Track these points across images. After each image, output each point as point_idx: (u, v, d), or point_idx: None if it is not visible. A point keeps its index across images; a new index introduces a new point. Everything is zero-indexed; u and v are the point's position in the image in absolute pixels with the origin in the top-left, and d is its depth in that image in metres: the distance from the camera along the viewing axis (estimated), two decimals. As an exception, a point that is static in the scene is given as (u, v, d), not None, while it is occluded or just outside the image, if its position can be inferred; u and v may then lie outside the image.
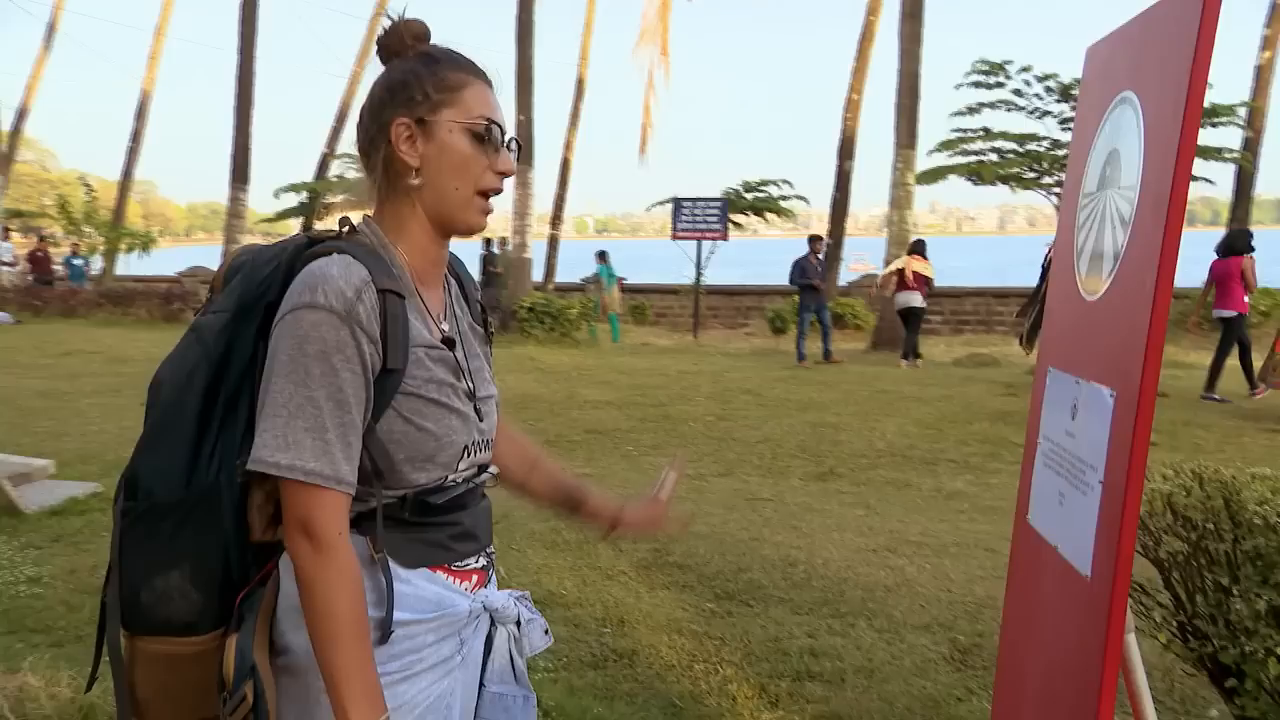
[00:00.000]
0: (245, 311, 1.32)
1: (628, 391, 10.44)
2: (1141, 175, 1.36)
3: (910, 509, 6.01)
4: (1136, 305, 1.29)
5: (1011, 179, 19.15)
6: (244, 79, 20.99)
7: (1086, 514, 1.38)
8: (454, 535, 1.37)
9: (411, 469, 1.30)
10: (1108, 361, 1.41)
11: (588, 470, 6.89)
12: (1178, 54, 1.25)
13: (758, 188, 22.52)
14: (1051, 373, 1.70)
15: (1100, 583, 1.28)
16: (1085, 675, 1.28)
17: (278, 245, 1.38)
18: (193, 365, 1.31)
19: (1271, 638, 1.95)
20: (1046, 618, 1.57)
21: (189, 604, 1.28)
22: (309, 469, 1.21)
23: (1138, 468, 1.22)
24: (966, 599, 4.33)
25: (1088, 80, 1.71)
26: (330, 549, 1.22)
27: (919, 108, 16.66)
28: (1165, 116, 1.29)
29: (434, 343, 1.34)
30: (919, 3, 16.59)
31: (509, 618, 1.43)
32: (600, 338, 16.80)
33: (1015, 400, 9.93)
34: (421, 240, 1.36)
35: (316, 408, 1.21)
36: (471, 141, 1.34)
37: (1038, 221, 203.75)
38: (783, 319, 18.31)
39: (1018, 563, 1.82)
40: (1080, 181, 1.66)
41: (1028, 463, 1.80)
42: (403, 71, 1.35)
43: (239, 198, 21.17)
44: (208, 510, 1.28)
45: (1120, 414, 1.32)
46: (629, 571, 4.65)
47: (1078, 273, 1.62)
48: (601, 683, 3.46)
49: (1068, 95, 18.26)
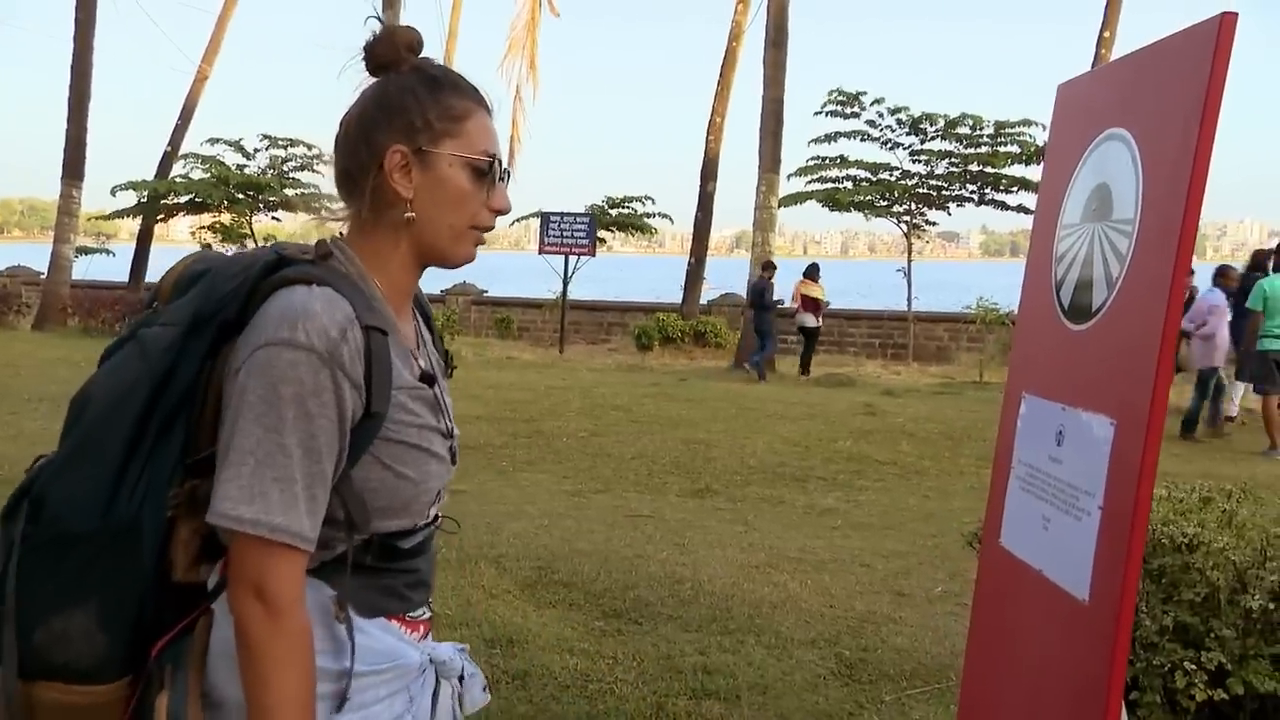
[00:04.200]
0: (199, 327, 1.19)
1: (497, 406, 10.29)
2: (1140, 209, 1.42)
3: (786, 525, 6.13)
4: (1140, 335, 1.34)
5: (865, 206, 20.02)
6: (79, 69, 19.66)
7: (1083, 539, 1.42)
8: (410, 583, 1.28)
9: (384, 518, 1.21)
10: (1103, 390, 1.45)
11: (463, 487, 6.73)
12: (1184, 91, 1.31)
13: (622, 204, 22.67)
14: (1028, 399, 1.75)
15: (1103, 606, 1.32)
16: (1085, 696, 1.31)
17: (245, 259, 1.24)
18: (131, 382, 1.17)
19: (1176, 652, 2.06)
20: (1029, 640, 1.61)
21: (93, 648, 1.13)
22: (275, 524, 1.10)
23: (1145, 493, 1.27)
24: (849, 614, 4.43)
25: (1061, 117, 1.78)
26: (284, 615, 1.11)
27: (782, 133, 17.15)
28: (1170, 152, 1.35)
29: (414, 382, 1.24)
30: (783, 32, 17.09)
31: (454, 671, 1.34)
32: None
33: (874, 419, 10.32)
34: (399, 272, 1.27)
35: (287, 456, 1.11)
36: (471, 177, 1.25)
37: (877, 247, 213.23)
38: (648, 335, 18.49)
39: (988, 584, 1.87)
40: (1058, 214, 1.72)
41: (998, 486, 1.84)
42: (400, 91, 1.23)
43: (72, 194, 19.75)
44: (125, 544, 1.13)
45: (1122, 441, 1.36)
46: (514, 590, 4.56)
47: (1058, 302, 1.68)
48: (496, 706, 3.36)
49: (917, 129, 19.24)
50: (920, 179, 19.71)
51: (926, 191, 19.80)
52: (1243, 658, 2.02)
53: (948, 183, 19.63)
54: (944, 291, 30.62)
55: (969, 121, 18.77)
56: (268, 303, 1.16)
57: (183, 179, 22.31)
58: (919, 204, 19.98)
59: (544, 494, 6.72)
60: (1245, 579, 2.07)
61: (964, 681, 2.00)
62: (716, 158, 20.82)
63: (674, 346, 18.38)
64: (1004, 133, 18.77)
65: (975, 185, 19.48)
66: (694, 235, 21.33)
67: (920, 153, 19.47)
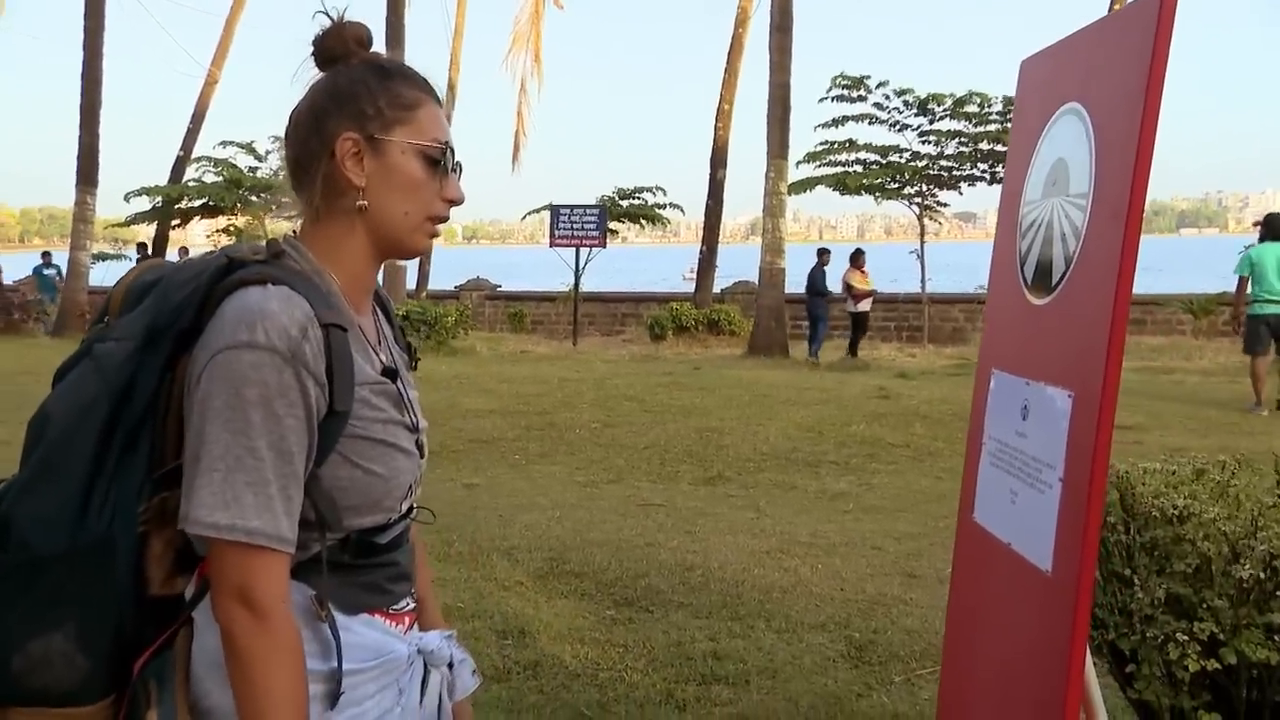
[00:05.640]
0: (154, 339, 1.17)
1: (510, 400, 10.33)
2: (1094, 183, 1.43)
3: (798, 510, 6.14)
4: (1094, 309, 1.35)
5: (875, 189, 19.93)
6: (90, 76, 19.81)
7: (1045, 511, 1.44)
8: (390, 577, 1.29)
9: (356, 515, 1.22)
10: (1062, 364, 1.47)
11: (475, 480, 6.79)
12: (1130, 65, 1.31)
13: (633, 195, 22.66)
14: (996, 375, 1.76)
15: (1064, 577, 1.33)
16: (1049, 666, 1.32)
17: (195, 266, 1.23)
18: (90, 399, 1.15)
19: (1169, 624, 2.07)
20: (1000, 612, 1.62)
21: (73, 670, 1.12)
22: (251, 528, 1.10)
23: (1100, 465, 1.28)
24: (859, 597, 4.44)
25: (1024, 92, 1.79)
26: (270, 618, 1.11)
27: (790, 118, 17.09)
28: (1119, 126, 1.36)
29: (377, 377, 1.24)
30: (788, 16, 17.02)
31: (442, 660, 1.35)
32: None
33: (888, 403, 10.29)
34: (356, 265, 1.26)
35: (258, 459, 1.10)
36: (424, 165, 1.25)
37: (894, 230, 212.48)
38: (662, 325, 18.50)
39: (963, 559, 1.88)
40: (1021, 189, 1.73)
41: (971, 462, 1.86)
42: (350, 81, 1.24)
43: (86, 201, 19.92)
44: (97, 563, 1.12)
45: (1079, 414, 1.38)
46: (525, 581, 4.59)
47: (1022, 278, 1.69)
48: (506, 695, 3.40)
49: (925, 109, 19.13)
50: (930, 160, 19.59)
51: (937, 172, 19.67)
52: (1235, 627, 2.03)
53: (958, 163, 19.49)
54: (961, 273, 30.43)
55: (976, 99, 18.63)
56: (223, 306, 1.15)
57: (195, 183, 22.48)
58: (930, 185, 19.86)
59: (556, 485, 6.75)
60: (1237, 549, 2.07)
61: (944, 657, 2.02)
62: (726, 145, 20.78)
63: (688, 335, 18.37)
64: (1012, 109, 18.62)
65: (986, 164, 19.34)
66: (705, 224, 21.32)
67: (929, 133, 19.36)
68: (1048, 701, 1.33)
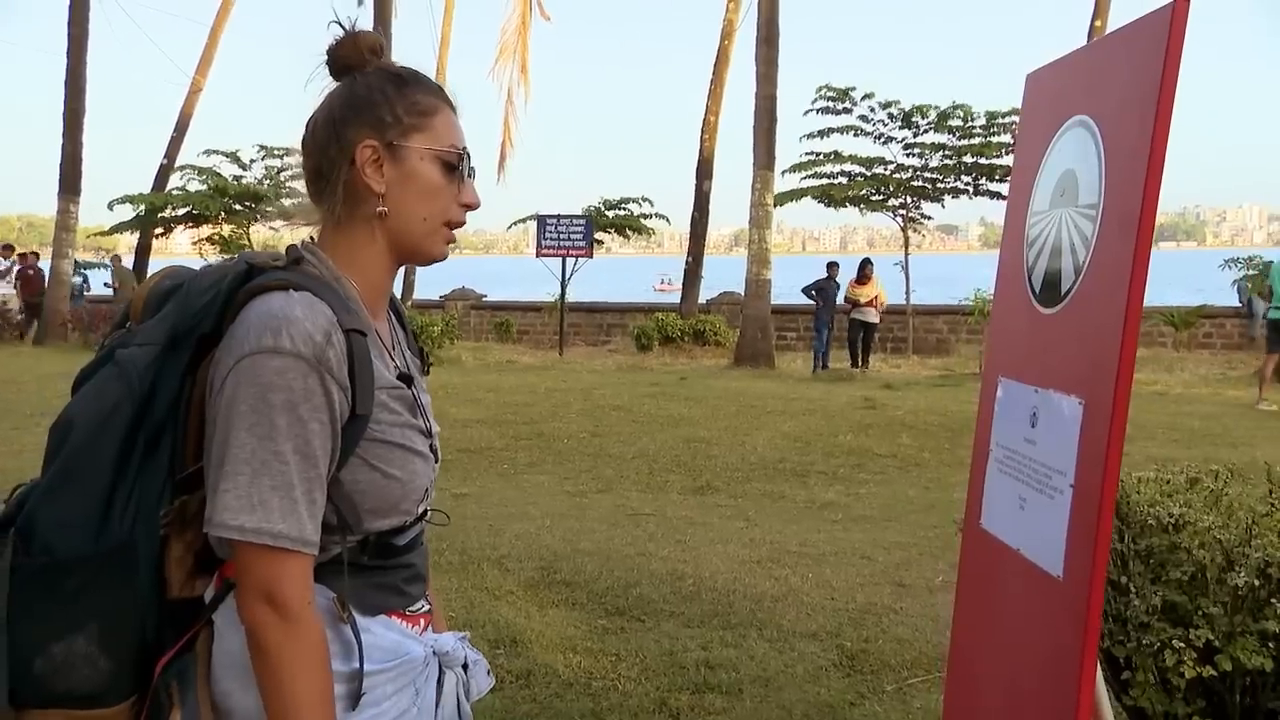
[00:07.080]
0: (176, 344, 1.19)
1: (498, 409, 10.32)
2: (1103, 194, 1.45)
3: (787, 520, 6.16)
4: (1105, 317, 1.38)
5: (860, 201, 20.06)
6: (74, 85, 19.70)
7: (1055, 517, 1.46)
8: (407, 578, 1.31)
9: (375, 518, 1.23)
10: (1072, 371, 1.49)
11: (465, 490, 6.78)
12: (1140, 77, 1.34)
13: (619, 205, 22.69)
14: (1003, 383, 1.78)
15: (1075, 582, 1.35)
16: (1061, 669, 1.34)
17: (216, 271, 1.25)
18: (113, 404, 1.16)
19: (1165, 631, 2.09)
20: (1010, 619, 1.64)
21: (97, 673, 1.13)
22: (277, 531, 1.11)
23: (1113, 471, 1.30)
24: (850, 606, 4.46)
25: (1030, 105, 1.82)
26: (297, 620, 1.12)
27: (776, 130, 17.16)
28: (1129, 137, 1.39)
29: (394, 382, 1.26)
30: (774, 28, 17.10)
31: (456, 661, 1.36)
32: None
33: (874, 413, 10.34)
34: (375, 271, 1.28)
35: (284, 463, 1.12)
36: (442, 171, 1.27)
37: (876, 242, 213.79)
38: (648, 336, 18.52)
39: (970, 567, 1.90)
40: (1028, 200, 1.76)
41: (977, 470, 1.88)
42: (368, 89, 1.26)
43: (69, 209, 19.78)
44: (120, 567, 1.13)
45: (1091, 421, 1.40)
46: (517, 591, 4.59)
47: (1030, 287, 1.71)
48: (499, 705, 3.39)
49: (909, 122, 19.28)
50: (914, 172, 19.74)
51: (921, 185, 19.83)
52: (1230, 635, 2.05)
53: (942, 175, 19.66)
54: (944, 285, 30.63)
55: (960, 113, 18.81)
56: (245, 312, 1.16)
57: (179, 191, 22.33)
58: (914, 197, 20.01)
59: (546, 495, 6.75)
60: (1232, 557, 2.10)
61: (950, 665, 2.03)
62: (712, 157, 20.83)
63: (674, 346, 18.39)
64: (996, 123, 18.81)
65: (970, 177, 19.51)
66: (691, 235, 21.36)
67: (913, 146, 19.51)
68: (1060, 705, 1.35)
